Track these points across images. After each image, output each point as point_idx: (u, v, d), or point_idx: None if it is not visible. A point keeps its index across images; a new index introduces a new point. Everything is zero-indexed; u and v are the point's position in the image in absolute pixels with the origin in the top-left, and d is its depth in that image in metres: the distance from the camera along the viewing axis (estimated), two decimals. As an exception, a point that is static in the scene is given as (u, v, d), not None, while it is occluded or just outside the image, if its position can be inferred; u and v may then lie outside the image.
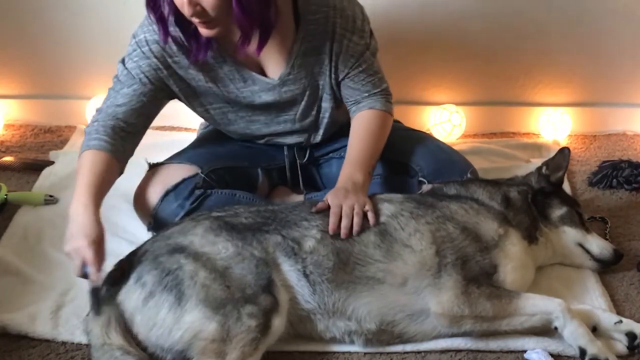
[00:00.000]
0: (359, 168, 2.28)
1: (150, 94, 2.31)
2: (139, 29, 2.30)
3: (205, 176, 2.40)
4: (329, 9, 2.27)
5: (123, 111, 2.28)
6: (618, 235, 2.56)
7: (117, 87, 2.31)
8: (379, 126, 2.37)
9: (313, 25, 2.28)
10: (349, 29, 2.30)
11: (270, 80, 2.34)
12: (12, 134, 3.21)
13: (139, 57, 2.28)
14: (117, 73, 2.33)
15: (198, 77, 2.33)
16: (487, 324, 2.03)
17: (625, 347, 2.04)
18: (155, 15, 2.18)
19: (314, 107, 2.42)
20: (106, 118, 2.27)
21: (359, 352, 2.04)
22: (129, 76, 2.29)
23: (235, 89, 2.36)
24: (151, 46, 2.27)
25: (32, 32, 3.15)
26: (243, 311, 1.90)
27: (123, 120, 2.27)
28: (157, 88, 2.32)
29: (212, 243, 2.03)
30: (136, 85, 2.29)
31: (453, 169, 2.43)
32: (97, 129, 2.25)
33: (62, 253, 2.39)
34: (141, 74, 2.29)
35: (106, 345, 1.91)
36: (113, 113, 2.27)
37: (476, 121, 3.25)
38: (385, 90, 2.42)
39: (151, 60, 2.28)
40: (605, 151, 3.15)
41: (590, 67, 3.20)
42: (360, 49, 2.34)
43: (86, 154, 2.21)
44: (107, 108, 2.29)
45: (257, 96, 2.37)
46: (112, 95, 2.31)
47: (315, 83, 2.37)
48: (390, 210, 2.15)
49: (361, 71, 2.36)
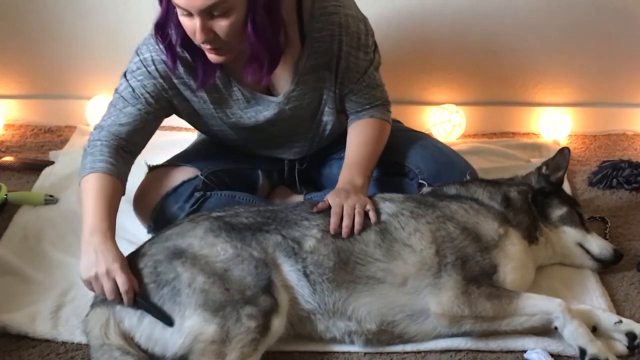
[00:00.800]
0: (358, 172, 2.28)
1: (154, 114, 2.28)
2: (143, 47, 2.26)
3: (204, 178, 2.40)
4: (335, 26, 2.26)
5: (127, 130, 2.25)
6: (618, 235, 2.56)
7: (120, 105, 2.26)
8: (378, 133, 2.39)
9: (318, 43, 2.27)
10: (354, 46, 2.30)
11: (274, 99, 2.33)
12: (12, 134, 3.21)
13: (143, 76, 2.25)
14: (119, 88, 2.28)
15: (203, 99, 2.31)
16: (487, 324, 2.03)
17: (625, 347, 2.04)
18: (164, 42, 2.15)
19: (314, 121, 2.42)
20: (109, 137, 2.23)
21: (359, 352, 2.04)
22: (133, 95, 2.25)
23: (238, 109, 2.34)
24: (157, 66, 2.23)
25: (32, 32, 3.15)
26: (242, 312, 1.90)
27: (126, 140, 2.25)
28: (161, 107, 2.30)
29: (211, 245, 2.03)
30: (140, 105, 2.25)
31: (453, 172, 2.43)
32: (102, 149, 2.21)
33: (62, 253, 2.41)
34: (146, 94, 2.25)
35: (105, 345, 1.91)
36: (116, 132, 2.24)
37: (476, 121, 3.25)
38: (386, 101, 2.44)
39: (157, 81, 2.25)
40: (605, 151, 3.15)
41: (590, 67, 3.20)
42: (364, 65, 2.34)
43: (93, 177, 2.16)
44: (109, 127, 2.25)
45: (262, 115, 2.35)
46: (115, 113, 2.27)
47: (318, 98, 2.37)
48: (391, 209, 2.16)
49: (365, 86, 2.37)
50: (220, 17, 2.03)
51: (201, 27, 2.03)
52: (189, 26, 2.07)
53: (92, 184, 2.15)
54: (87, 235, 2.05)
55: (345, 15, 2.26)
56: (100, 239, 2.03)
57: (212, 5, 2.00)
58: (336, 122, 2.43)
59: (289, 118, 2.37)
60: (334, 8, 2.26)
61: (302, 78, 2.31)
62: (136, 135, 2.27)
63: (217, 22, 2.04)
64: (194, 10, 2.01)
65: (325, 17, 2.25)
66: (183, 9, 2.03)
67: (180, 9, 2.04)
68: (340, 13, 2.26)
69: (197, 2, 1.99)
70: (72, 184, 2.78)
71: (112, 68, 3.19)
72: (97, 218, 2.08)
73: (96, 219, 2.08)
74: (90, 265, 1.99)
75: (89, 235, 2.05)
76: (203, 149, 2.56)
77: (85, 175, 2.18)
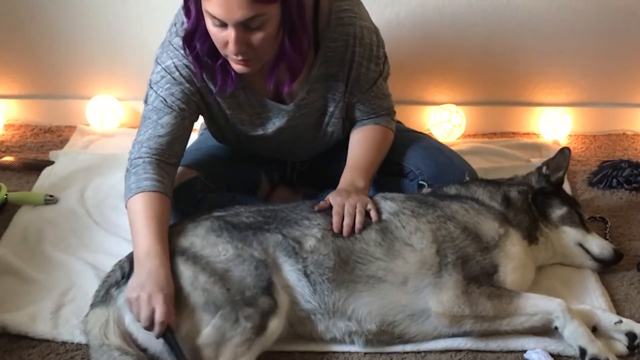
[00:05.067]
0: (360, 175, 2.29)
1: (189, 119, 2.25)
2: (163, 54, 2.22)
3: (205, 179, 2.40)
4: (350, 37, 2.25)
5: (167, 141, 2.20)
6: (618, 235, 2.56)
7: (155, 117, 2.21)
8: (381, 140, 2.40)
9: (332, 52, 2.26)
10: (366, 57, 2.29)
11: (284, 107, 2.33)
12: (12, 134, 3.21)
13: (170, 84, 2.21)
14: (149, 100, 2.24)
15: (220, 105, 2.30)
16: (487, 324, 2.03)
17: (625, 347, 2.04)
18: (192, 53, 2.13)
19: (321, 129, 2.42)
20: (151, 152, 2.18)
21: (359, 352, 2.04)
22: (164, 104, 2.21)
23: (250, 116, 2.33)
24: (181, 71, 2.20)
25: (32, 32, 3.15)
26: (241, 314, 1.91)
27: (167, 152, 2.20)
28: (194, 112, 2.27)
29: (213, 244, 2.03)
30: (175, 112, 2.21)
31: (453, 172, 2.43)
32: (145, 167, 2.15)
33: (62, 253, 2.41)
34: (177, 101, 2.21)
35: (105, 345, 1.91)
36: (156, 145, 2.19)
37: (476, 121, 3.25)
38: (391, 110, 2.45)
39: (184, 86, 2.21)
40: (605, 151, 3.15)
41: (590, 67, 3.19)
42: (374, 76, 2.34)
43: (141, 197, 2.10)
44: (148, 140, 2.19)
45: (271, 123, 2.35)
46: (151, 125, 2.21)
47: (326, 106, 2.36)
48: (392, 208, 2.16)
49: (373, 96, 2.37)
50: (256, 29, 2.01)
51: (236, 39, 2.00)
52: (220, 37, 2.04)
53: (142, 205, 2.08)
54: (141, 257, 1.99)
55: (360, 27, 2.26)
56: (156, 262, 1.97)
57: (250, 18, 1.97)
58: (341, 129, 2.43)
59: (297, 125, 2.37)
60: (350, 19, 2.25)
61: (313, 86, 2.30)
62: (176, 145, 2.23)
63: (252, 34, 2.02)
64: (230, 22, 1.98)
65: (341, 28, 2.24)
66: (219, 20, 2.00)
67: (215, 19, 2.00)
68: (355, 24, 2.25)
69: (235, 15, 1.96)
70: (72, 184, 2.79)
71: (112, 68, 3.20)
72: (150, 240, 2.01)
73: (150, 241, 2.01)
74: (136, 286, 1.93)
75: (144, 257, 1.98)
76: (203, 149, 2.56)
77: (132, 196, 2.11)
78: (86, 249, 2.42)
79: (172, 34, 2.21)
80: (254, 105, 2.32)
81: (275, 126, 2.35)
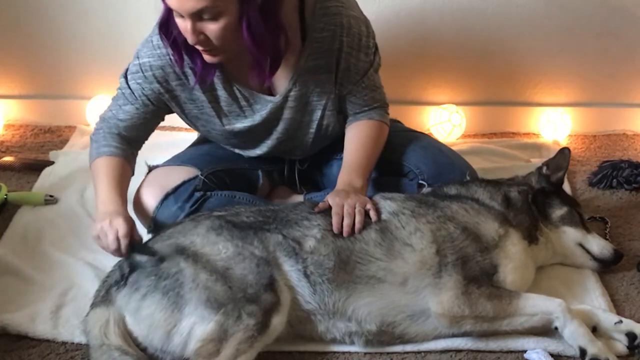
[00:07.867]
0: (357, 174, 2.29)
1: (152, 113, 2.37)
2: (143, 50, 2.30)
3: (205, 178, 2.40)
4: (336, 27, 2.26)
5: (125, 126, 2.35)
6: (618, 235, 2.56)
7: (120, 102, 2.36)
8: (376, 135, 2.39)
9: (319, 43, 2.27)
10: (354, 47, 2.30)
11: (272, 98, 2.34)
12: (12, 134, 3.21)
13: (142, 80, 2.30)
14: (121, 86, 2.36)
15: (200, 100, 2.34)
16: (487, 324, 2.03)
17: (625, 347, 2.04)
18: (169, 40, 2.18)
19: (315, 124, 2.42)
20: (111, 128, 2.36)
21: (359, 352, 2.04)
22: (131, 95, 2.33)
23: (237, 109, 2.35)
24: (154, 72, 2.28)
25: (32, 32, 3.15)
26: (244, 311, 1.91)
27: (125, 133, 2.36)
28: (159, 108, 2.37)
29: (213, 243, 2.03)
30: (138, 104, 2.34)
31: (453, 172, 2.43)
32: (105, 136, 2.34)
33: (62, 253, 2.41)
34: (143, 96, 2.32)
35: (105, 345, 1.91)
36: (115, 126, 2.36)
37: (476, 121, 3.25)
38: (384, 103, 2.44)
39: (153, 85, 2.30)
40: (605, 151, 3.15)
41: (590, 67, 3.20)
42: (365, 67, 2.34)
43: (100, 160, 2.30)
44: (109, 119, 2.37)
45: (259, 115, 2.36)
46: (115, 107, 2.37)
47: (318, 101, 2.37)
48: (392, 208, 2.16)
49: (364, 87, 2.37)
50: (210, 20, 2.05)
51: (191, 29, 2.06)
52: (182, 27, 2.10)
53: (99, 167, 2.28)
54: (100, 207, 2.18)
55: (347, 16, 2.26)
56: (114, 206, 2.17)
57: (201, 9, 2.02)
58: (337, 123, 2.43)
59: (288, 119, 2.37)
60: (336, 9, 2.26)
61: (301, 78, 2.30)
62: (135, 130, 2.37)
63: (207, 25, 2.06)
64: (184, 13, 2.04)
65: (327, 18, 2.25)
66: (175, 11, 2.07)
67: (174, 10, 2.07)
68: (342, 14, 2.26)
69: (186, 5, 2.02)
70: (72, 184, 2.79)
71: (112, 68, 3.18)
72: (105, 193, 2.21)
73: (107, 192, 2.21)
74: (98, 222, 2.13)
75: (103, 206, 2.18)
76: (203, 148, 2.56)
77: (92, 161, 2.32)
78: (86, 249, 2.42)
79: (154, 30, 2.24)
80: (239, 98, 2.33)
81: (262, 118, 2.36)
